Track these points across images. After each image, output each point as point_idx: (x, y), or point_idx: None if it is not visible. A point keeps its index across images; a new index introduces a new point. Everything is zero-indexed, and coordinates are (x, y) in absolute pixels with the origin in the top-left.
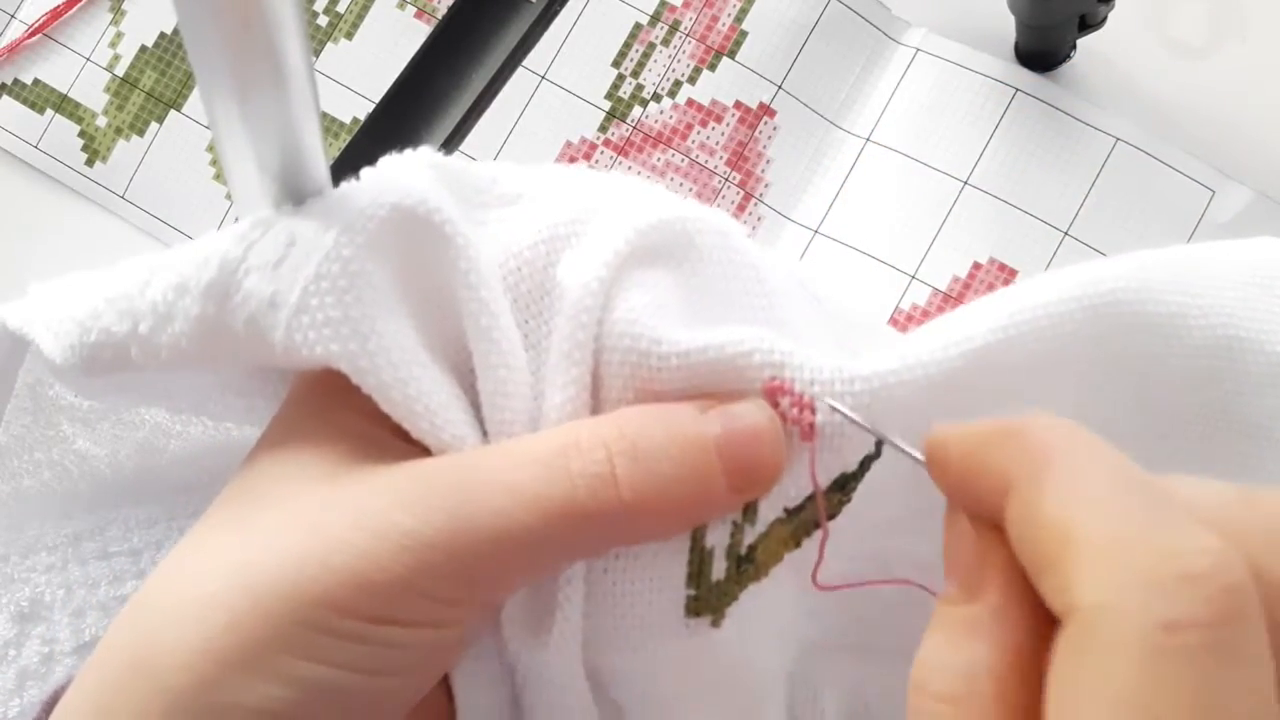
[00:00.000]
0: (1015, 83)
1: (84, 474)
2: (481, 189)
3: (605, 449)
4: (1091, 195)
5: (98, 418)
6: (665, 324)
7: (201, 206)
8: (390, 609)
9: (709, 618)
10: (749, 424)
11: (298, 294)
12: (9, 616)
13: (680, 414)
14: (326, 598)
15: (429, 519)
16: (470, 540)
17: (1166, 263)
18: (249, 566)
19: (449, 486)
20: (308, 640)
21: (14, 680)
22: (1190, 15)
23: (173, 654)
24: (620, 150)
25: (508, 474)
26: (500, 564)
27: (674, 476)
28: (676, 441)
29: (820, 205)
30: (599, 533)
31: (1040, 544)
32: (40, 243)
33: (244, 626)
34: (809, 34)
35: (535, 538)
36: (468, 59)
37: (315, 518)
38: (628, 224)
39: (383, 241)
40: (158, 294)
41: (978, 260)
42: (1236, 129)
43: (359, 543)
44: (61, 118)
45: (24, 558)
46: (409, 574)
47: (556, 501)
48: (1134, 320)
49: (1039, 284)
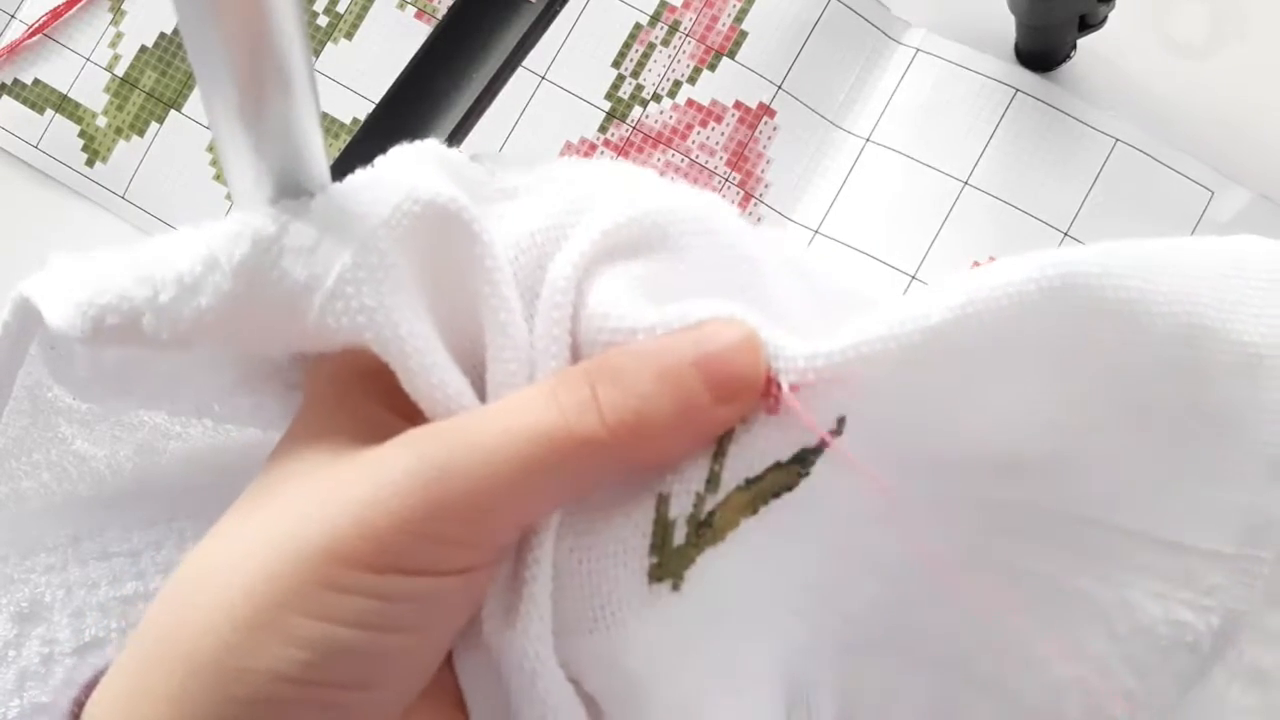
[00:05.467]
0: (1015, 83)
1: (83, 475)
2: (482, 182)
3: (587, 378)
4: (1091, 195)
5: (96, 419)
6: (636, 305)
7: (201, 206)
8: (395, 556)
9: (669, 581)
10: (725, 339)
11: (334, 279)
12: (9, 617)
13: (657, 341)
14: (332, 551)
15: (426, 459)
16: (467, 474)
17: (1133, 250)
18: (263, 537)
19: (447, 431)
20: (317, 598)
21: (14, 681)
22: (1190, 15)
23: (195, 625)
24: (620, 150)
25: (502, 415)
26: (497, 496)
27: (655, 394)
28: (654, 363)
29: (820, 205)
30: (590, 460)
31: None
32: (40, 243)
33: (257, 591)
34: (809, 34)
35: (528, 467)
36: (468, 59)
37: (321, 483)
38: (596, 223)
39: (414, 237)
40: (185, 265)
41: (978, 260)
42: (1236, 129)
43: (360, 492)
44: (61, 118)
45: (23, 558)
46: (410, 514)
47: (545, 429)
48: (1094, 305)
49: (1001, 265)
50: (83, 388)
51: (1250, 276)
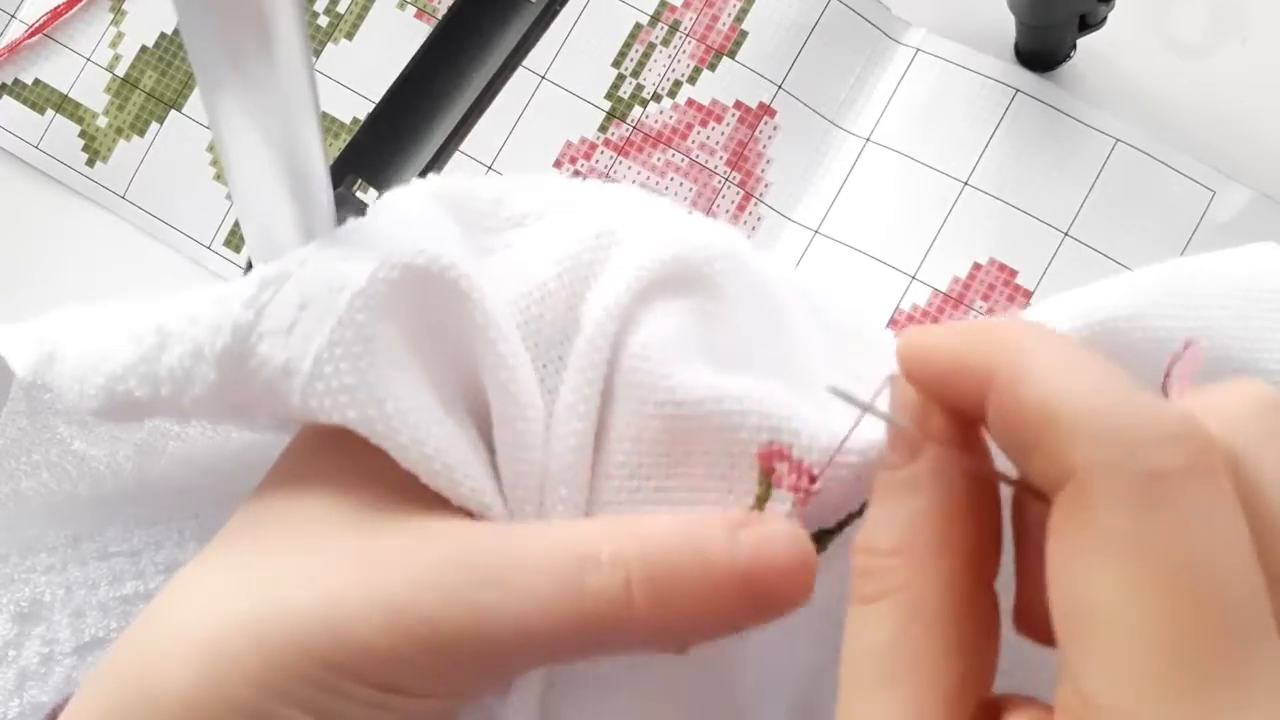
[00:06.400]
0: (1015, 83)
1: (82, 475)
2: (486, 213)
3: (625, 571)
4: (1091, 195)
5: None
6: (677, 360)
7: (201, 206)
8: (400, 682)
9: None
10: (781, 555)
11: (310, 361)
12: (9, 617)
13: (709, 537)
14: (337, 662)
15: (448, 613)
16: (487, 638)
17: (1158, 284)
18: (261, 617)
19: (470, 581)
20: (312, 697)
21: (14, 681)
22: (1190, 15)
23: (176, 691)
24: (620, 150)
25: (526, 578)
26: (512, 660)
27: (695, 614)
28: (700, 572)
29: (820, 205)
30: (612, 642)
31: (1026, 425)
32: (40, 243)
33: (250, 676)
34: (809, 34)
35: (548, 642)
36: (468, 59)
37: (333, 579)
38: (638, 263)
39: (395, 302)
40: (174, 360)
41: (978, 261)
42: (1236, 129)
43: (376, 620)
44: (62, 118)
45: (23, 558)
46: (424, 659)
47: (572, 616)
48: (1128, 348)
49: (1025, 318)
50: (81, 415)
51: (1273, 299)
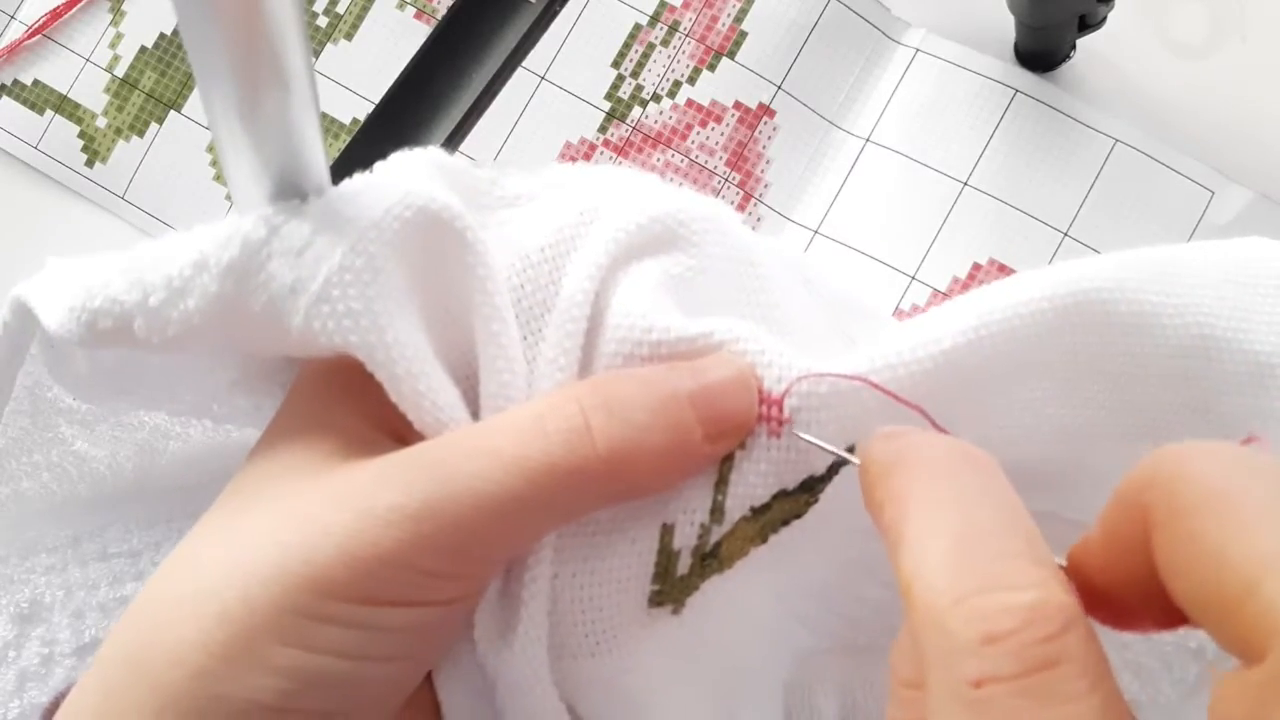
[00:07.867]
0: (1015, 83)
1: (83, 476)
2: (482, 190)
3: (578, 404)
4: (1091, 196)
5: (96, 420)
6: (655, 312)
7: (201, 207)
8: (378, 587)
9: (670, 606)
10: (720, 375)
11: (320, 283)
12: (9, 618)
13: (652, 370)
14: (314, 582)
15: (412, 491)
16: (454, 507)
17: (1143, 262)
18: (238, 561)
19: (432, 461)
20: (296, 627)
21: (14, 681)
22: (1190, 15)
23: (166, 651)
24: (620, 151)
25: (488, 440)
26: (484, 529)
27: (649, 426)
28: (650, 393)
29: (820, 205)
30: (579, 490)
31: (1225, 583)
32: (40, 243)
33: (233, 618)
34: (809, 34)
35: (517, 499)
36: (468, 59)
37: (300, 506)
38: (615, 225)
39: (405, 242)
40: (174, 268)
41: (977, 261)
42: (1236, 129)
43: (344, 522)
44: (61, 118)
45: (24, 559)
46: (395, 547)
47: (534, 460)
48: (1107, 320)
49: (1011, 284)
50: (82, 388)
51: (1260, 283)
